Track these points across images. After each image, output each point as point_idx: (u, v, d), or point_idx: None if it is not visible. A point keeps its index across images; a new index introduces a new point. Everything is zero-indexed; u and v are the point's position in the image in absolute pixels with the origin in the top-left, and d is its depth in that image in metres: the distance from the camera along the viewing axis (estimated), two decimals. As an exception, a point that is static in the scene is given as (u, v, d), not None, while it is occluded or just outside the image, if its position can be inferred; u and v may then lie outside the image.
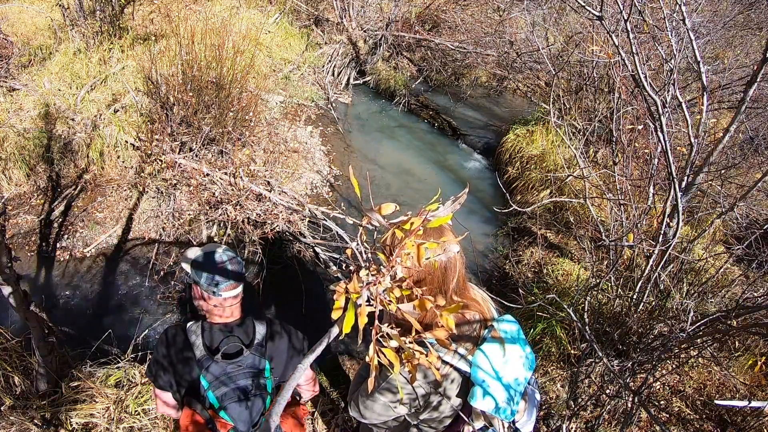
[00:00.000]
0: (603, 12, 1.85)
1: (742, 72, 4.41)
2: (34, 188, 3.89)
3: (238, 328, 1.52)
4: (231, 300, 1.51)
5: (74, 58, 4.51)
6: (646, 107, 2.56)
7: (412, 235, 0.80)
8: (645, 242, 2.47)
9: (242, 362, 1.45)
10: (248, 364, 1.46)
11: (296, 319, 3.23)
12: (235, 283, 1.50)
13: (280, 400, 0.98)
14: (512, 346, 1.19)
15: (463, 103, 6.65)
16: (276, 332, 1.57)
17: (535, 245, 4.05)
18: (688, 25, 1.77)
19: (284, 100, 5.47)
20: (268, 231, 3.54)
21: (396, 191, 4.77)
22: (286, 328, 1.61)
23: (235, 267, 1.50)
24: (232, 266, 1.50)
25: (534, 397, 1.29)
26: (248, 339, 1.51)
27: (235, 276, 1.50)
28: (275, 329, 1.57)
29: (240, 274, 1.52)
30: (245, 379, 1.45)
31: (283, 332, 1.58)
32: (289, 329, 1.61)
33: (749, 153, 3.80)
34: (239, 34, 4.00)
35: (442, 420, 1.29)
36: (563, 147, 4.70)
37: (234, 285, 1.49)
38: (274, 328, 1.57)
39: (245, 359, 1.46)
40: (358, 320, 0.79)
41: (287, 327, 1.61)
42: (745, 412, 2.45)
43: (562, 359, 2.81)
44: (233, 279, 1.49)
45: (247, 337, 1.52)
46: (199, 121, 3.82)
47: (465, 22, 7.28)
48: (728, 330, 1.71)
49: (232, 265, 1.50)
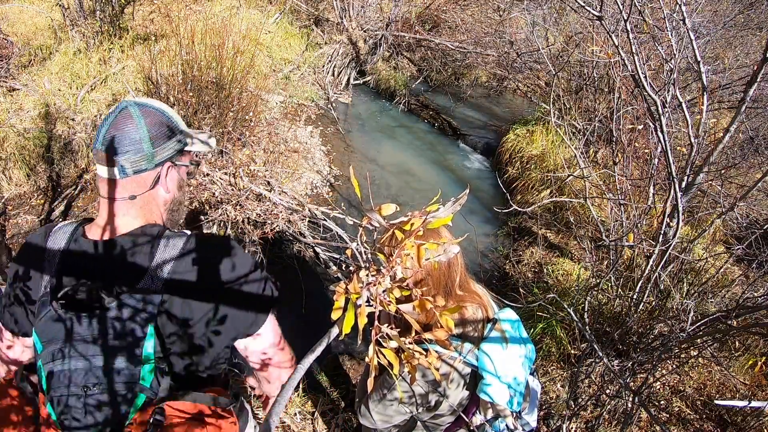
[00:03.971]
0: (603, 12, 1.85)
1: (742, 72, 4.40)
2: (34, 188, 3.89)
3: (111, 250, 0.91)
4: (104, 185, 0.94)
5: (74, 58, 4.51)
6: (646, 107, 2.56)
7: (412, 236, 0.80)
8: (645, 242, 2.47)
9: (102, 321, 0.82)
10: (111, 328, 0.82)
11: (296, 319, 3.23)
12: (105, 155, 0.91)
13: (281, 399, 0.97)
14: (514, 339, 1.23)
15: (463, 103, 6.65)
16: (192, 262, 0.91)
17: (535, 245, 4.05)
18: (688, 25, 1.77)
19: (284, 100, 5.47)
20: (268, 231, 3.54)
21: (396, 191, 4.77)
22: (220, 249, 0.95)
23: (134, 125, 0.91)
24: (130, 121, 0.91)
25: (535, 389, 1.33)
26: (128, 277, 0.88)
27: (113, 144, 0.90)
28: (193, 253, 0.91)
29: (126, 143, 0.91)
30: (96, 355, 0.82)
31: (206, 259, 0.92)
32: (226, 251, 0.95)
33: (749, 153, 3.80)
34: (239, 34, 4.00)
35: (453, 413, 1.30)
36: (563, 147, 4.70)
37: (104, 156, 0.91)
38: (190, 252, 0.91)
39: (106, 315, 0.83)
40: (358, 320, 0.79)
41: (223, 247, 0.95)
42: (745, 412, 2.45)
43: (562, 359, 2.81)
44: (104, 147, 0.91)
45: (127, 273, 0.89)
46: (199, 121, 3.82)
47: (465, 22, 7.28)
48: (728, 330, 1.71)
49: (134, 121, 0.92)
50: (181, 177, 1.06)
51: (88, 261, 0.92)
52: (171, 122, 1.00)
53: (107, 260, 0.91)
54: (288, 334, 1.11)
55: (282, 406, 0.98)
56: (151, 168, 0.96)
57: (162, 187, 1.00)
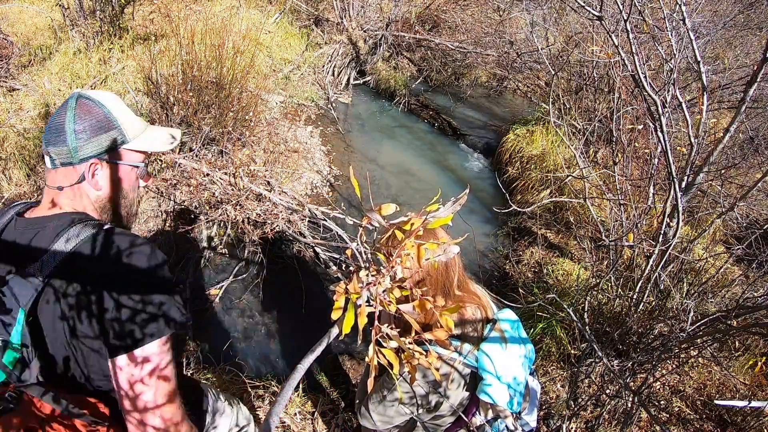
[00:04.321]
0: (603, 12, 1.85)
1: (742, 72, 4.40)
2: (34, 188, 3.88)
3: (27, 232, 0.91)
4: (46, 171, 0.97)
5: (74, 58, 4.51)
6: (646, 107, 2.56)
7: (412, 236, 0.80)
8: (645, 242, 2.47)
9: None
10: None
11: (296, 319, 3.23)
12: (43, 144, 0.94)
13: (281, 399, 0.97)
14: (514, 339, 1.23)
15: (463, 103, 6.65)
16: (89, 256, 0.86)
17: (535, 245, 4.05)
18: (688, 25, 1.77)
19: (284, 100, 5.47)
20: (268, 231, 3.54)
21: (396, 191, 4.77)
22: (117, 247, 0.87)
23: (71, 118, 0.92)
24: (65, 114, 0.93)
25: (534, 389, 1.32)
26: (23, 260, 0.86)
27: (46, 134, 0.94)
28: (95, 247, 0.86)
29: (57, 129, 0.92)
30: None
31: (105, 257, 0.86)
32: (122, 249, 0.87)
33: (749, 153, 3.80)
34: (239, 34, 4.00)
35: (453, 414, 1.30)
36: (563, 147, 4.70)
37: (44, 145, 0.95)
38: (93, 246, 0.86)
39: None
40: (358, 320, 0.79)
41: (123, 245, 0.88)
42: (745, 412, 2.45)
43: (562, 359, 2.80)
44: (43, 136, 0.96)
45: (25, 256, 0.87)
46: (199, 121, 3.82)
47: (465, 22, 7.28)
48: (728, 330, 1.71)
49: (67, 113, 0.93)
50: (120, 176, 1.00)
51: (7, 240, 0.92)
52: (109, 117, 0.96)
53: (19, 242, 0.90)
54: (288, 333, 1.10)
55: (282, 406, 0.98)
56: (77, 162, 0.94)
57: (89, 184, 0.96)
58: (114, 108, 0.97)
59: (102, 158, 0.96)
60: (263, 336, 3.10)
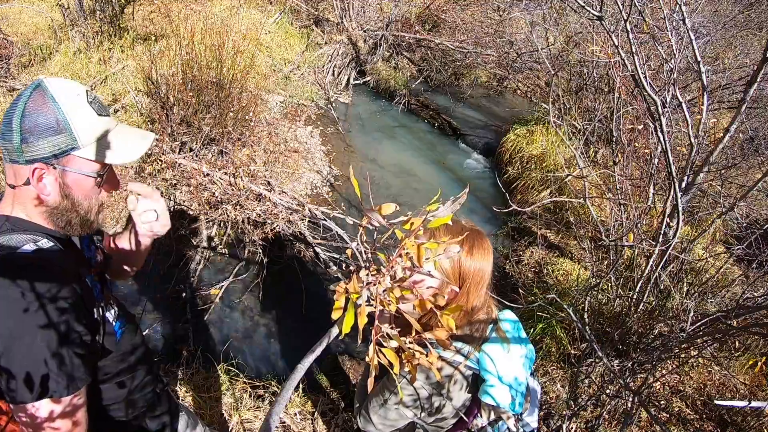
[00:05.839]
0: (603, 12, 1.85)
1: (742, 72, 4.40)
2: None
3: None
4: (6, 168, 0.89)
5: (74, 58, 4.52)
6: (646, 107, 2.56)
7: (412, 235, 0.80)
8: (645, 242, 2.47)
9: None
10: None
11: (296, 319, 3.24)
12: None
13: (281, 399, 0.97)
14: (515, 339, 1.23)
15: (463, 103, 6.65)
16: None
17: (535, 245, 4.05)
18: (688, 25, 1.77)
19: (284, 100, 5.47)
20: (268, 231, 3.54)
21: (396, 191, 4.77)
22: None
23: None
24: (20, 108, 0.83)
25: (535, 389, 1.32)
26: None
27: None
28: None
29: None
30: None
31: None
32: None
33: (749, 153, 3.80)
34: (239, 34, 4.00)
35: (455, 416, 1.30)
36: (563, 147, 4.70)
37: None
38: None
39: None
40: (358, 320, 0.79)
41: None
42: (745, 412, 2.45)
43: (562, 359, 2.80)
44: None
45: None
46: (199, 121, 3.82)
47: (465, 22, 7.28)
48: (728, 330, 1.71)
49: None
50: (69, 184, 0.89)
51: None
52: (59, 118, 0.84)
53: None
54: (288, 334, 1.10)
55: (282, 406, 0.98)
56: (23, 163, 0.84)
57: (36, 189, 0.86)
58: (70, 106, 0.85)
59: (49, 163, 0.85)
60: (263, 336, 3.10)
